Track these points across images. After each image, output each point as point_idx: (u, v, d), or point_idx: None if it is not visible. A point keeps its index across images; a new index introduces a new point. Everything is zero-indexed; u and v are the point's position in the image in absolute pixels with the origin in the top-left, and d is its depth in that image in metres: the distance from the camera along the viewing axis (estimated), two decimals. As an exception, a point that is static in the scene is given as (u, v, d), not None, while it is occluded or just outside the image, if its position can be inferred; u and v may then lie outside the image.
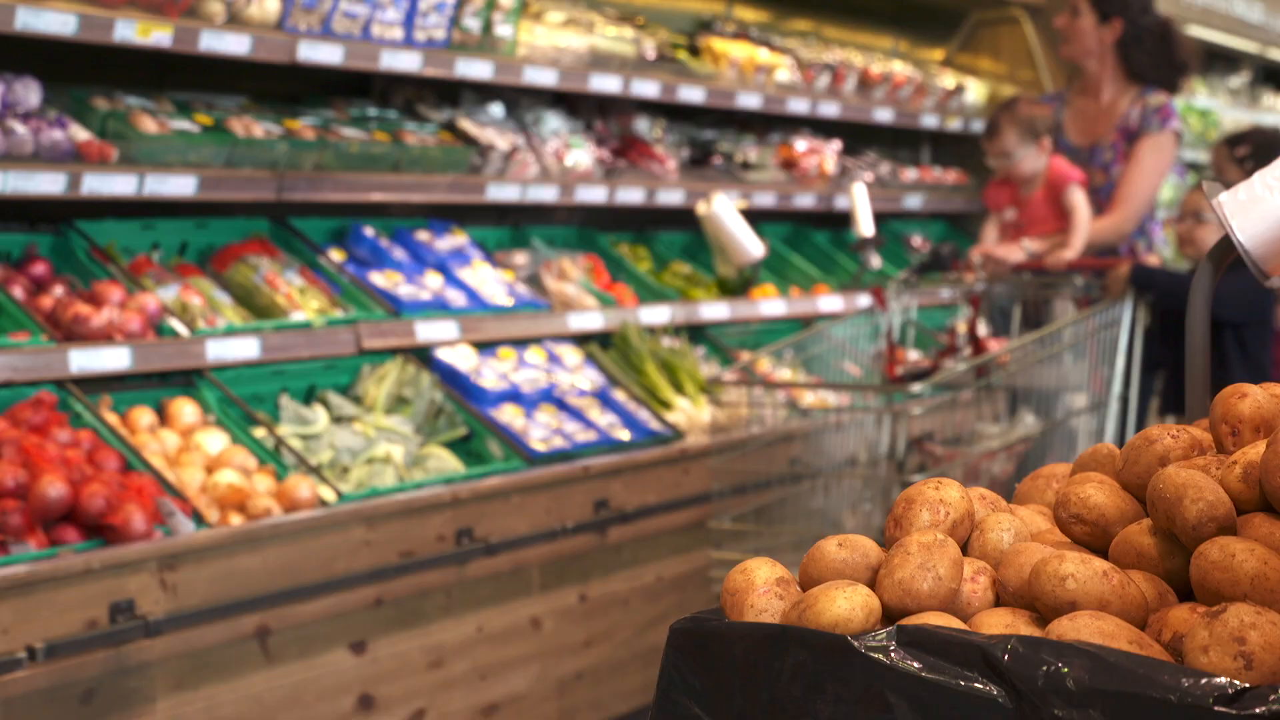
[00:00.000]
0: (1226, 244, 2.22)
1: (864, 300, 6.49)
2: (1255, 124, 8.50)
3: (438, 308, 5.07)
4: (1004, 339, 5.13)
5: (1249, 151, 6.09)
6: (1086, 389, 4.78)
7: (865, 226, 5.70)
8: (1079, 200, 5.21)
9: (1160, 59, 5.73)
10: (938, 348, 5.38)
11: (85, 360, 4.08)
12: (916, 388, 4.42)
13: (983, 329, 5.03)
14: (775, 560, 1.79)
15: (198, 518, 3.90)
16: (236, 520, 4.00)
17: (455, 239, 5.51)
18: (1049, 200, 5.27)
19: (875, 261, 5.92)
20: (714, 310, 6.01)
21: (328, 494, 4.21)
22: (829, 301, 6.52)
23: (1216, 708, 1.43)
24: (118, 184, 4.25)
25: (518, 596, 4.58)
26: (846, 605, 1.66)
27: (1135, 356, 4.80)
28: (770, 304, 6.28)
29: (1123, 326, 4.78)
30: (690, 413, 5.33)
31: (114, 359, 4.13)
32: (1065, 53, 5.80)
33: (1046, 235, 5.27)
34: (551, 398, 5.12)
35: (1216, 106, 10.43)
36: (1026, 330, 5.03)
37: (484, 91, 5.72)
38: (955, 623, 1.66)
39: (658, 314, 5.76)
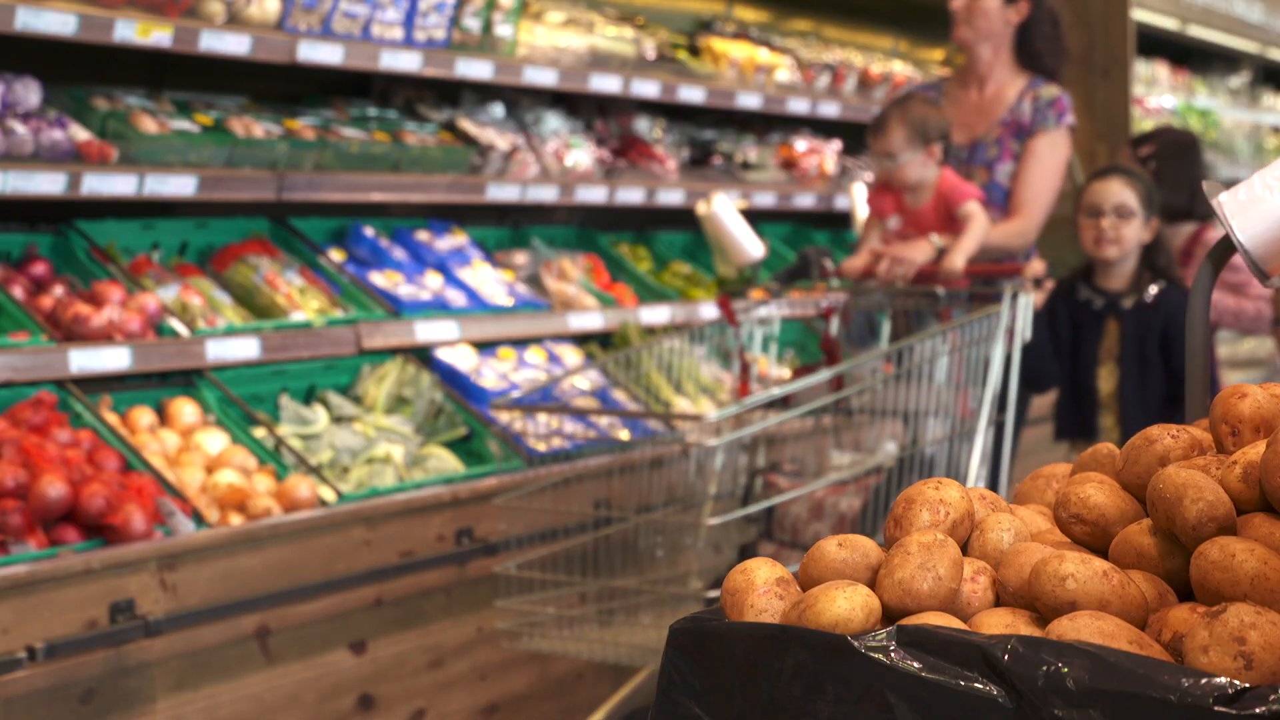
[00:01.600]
0: (1226, 244, 2.22)
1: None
2: (1162, 125, 8.10)
3: (438, 308, 5.07)
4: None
5: (1152, 151, 5.78)
6: (952, 413, 4.22)
7: (865, 226, 5.68)
8: (977, 210, 4.62)
9: (1053, 44, 5.23)
10: (791, 366, 4.89)
11: (85, 360, 4.08)
12: (712, 416, 3.86)
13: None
14: (568, 613, 1.74)
15: (198, 518, 3.90)
16: (236, 520, 4.00)
17: (455, 239, 5.51)
18: (939, 212, 4.69)
19: None
20: (714, 310, 6.01)
21: (328, 494, 4.21)
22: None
23: (1216, 708, 1.43)
24: (118, 184, 4.25)
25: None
26: (846, 605, 1.66)
27: (1013, 376, 4.22)
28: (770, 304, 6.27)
29: (997, 341, 4.15)
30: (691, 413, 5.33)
31: (114, 359, 4.13)
32: (962, 36, 5.18)
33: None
34: (551, 398, 5.11)
35: (1216, 106, 10.43)
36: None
37: (484, 91, 5.72)
38: (955, 623, 1.66)
39: (658, 314, 5.76)
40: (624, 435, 5.03)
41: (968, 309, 4.42)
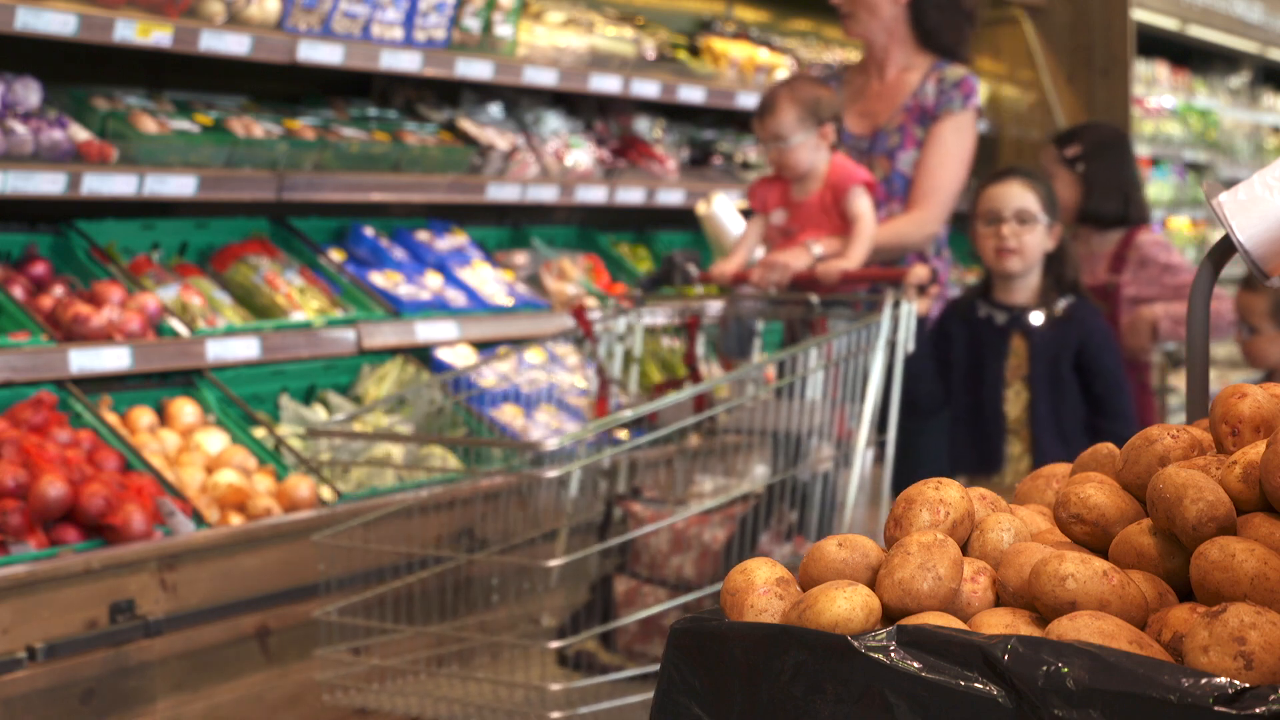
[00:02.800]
0: (1226, 244, 2.22)
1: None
2: (1089, 121, 7.58)
3: (438, 308, 5.07)
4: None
5: (1080, 152, 5.27)
6: (829, 435, 3.84)
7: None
8: (864, 206, 4.21)
9: (950, 13, 4.73)
10: (653, 384, 4.51)
11: (85, 360, 4.08)
12: (552, 444, 3.41)
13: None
14: (386, 664, 1.62)
15: (198, 518, 3.90)
16: (236, 520, 4.00)
17: (455, 239, 5.51)
18: (826, 205, 4.27)
19: None
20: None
21: (327, 494, 4.21)
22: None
23: (1216, 708, 1.43)
24: (118, 184, 4.25)
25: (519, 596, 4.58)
26: (846, 605, 1.65)
27: (895, 392, 3.83)
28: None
29: (877, 354, 3.77)
30: (690, 413, 5.32)
31: (114, 359, 4.13)
32: (854, 30, 4.74)
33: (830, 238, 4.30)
34: (551, 398, 5.12)
35: (1216, 106, 10.43)
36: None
37: (484, 91, 5.72)
38: (955, 623, 1.66)
39: (658, 315, 5.75)
40: (624, 435, 4.95)
41: (847, 317, 4.03)
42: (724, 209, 5.73)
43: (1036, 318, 4.35)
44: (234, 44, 4.42)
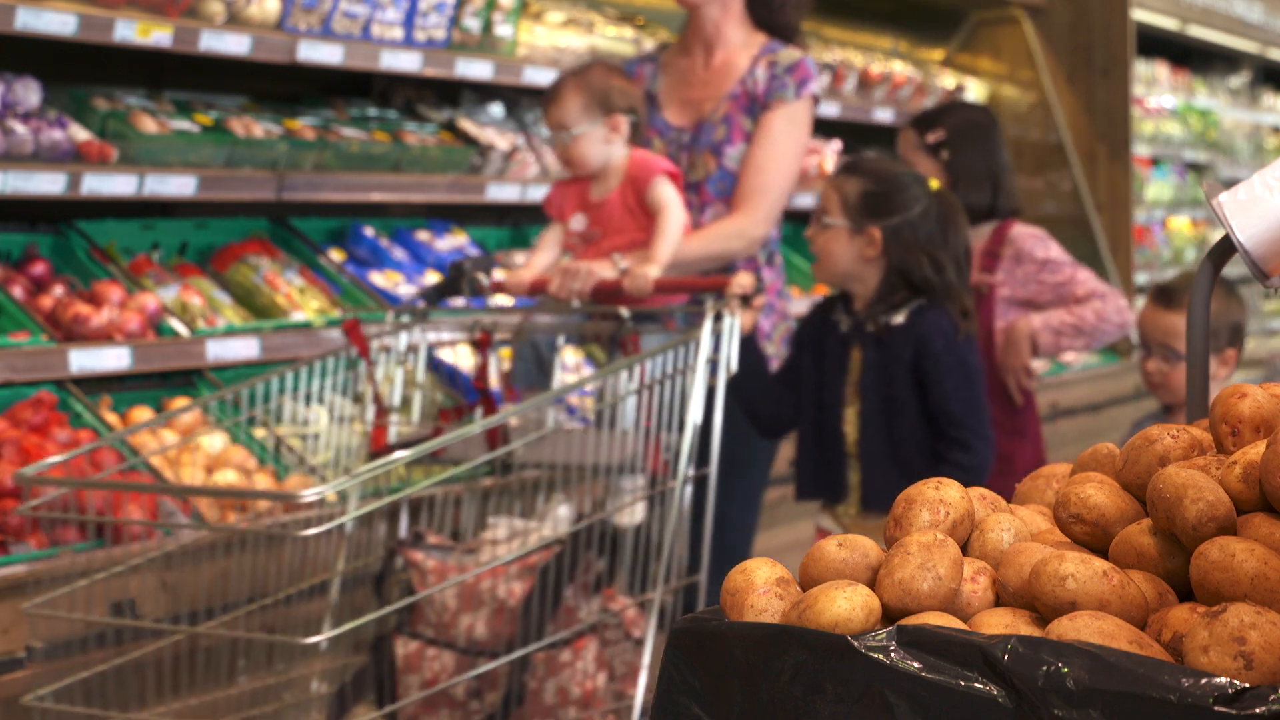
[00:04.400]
0: (1226, 244, 2.22)
1: None
2: (951, 98, 7.08)
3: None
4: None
5: (943, 137, 4.62)
6: (642, 467, 3.41)
7: (864, 226, 5.59)
8: (669, 194, 3.75)
9: None
10: (442, 407, 4.11)
11: (85, 360, 4.08)
12: (308, 494, 2.92)
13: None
14: None
15: (198, 518, 3.90)
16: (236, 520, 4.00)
17: (455, 239, 5.51)
18: (629, 203, 3.84)
19: None
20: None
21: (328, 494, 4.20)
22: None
23: (1216, 708, 1.43)
24: (118, 184, 4.25)
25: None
26: (846, 605, 1.66)
27: (716, 418, 3.41)
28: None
29: (696, 376, 3.34)
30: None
31: (114, 359, 4.13)
32: None
33: (638, 248, 3.82)
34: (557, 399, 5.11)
35: (1216, 106, 10.44)
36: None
37: (484, 91, 5.72)
38: (955, 623, 1.66)
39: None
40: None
41: (661, 334, 3.65)
42: None
43: (872, 326, 3.74)
44: (234, 44, 4.42)
